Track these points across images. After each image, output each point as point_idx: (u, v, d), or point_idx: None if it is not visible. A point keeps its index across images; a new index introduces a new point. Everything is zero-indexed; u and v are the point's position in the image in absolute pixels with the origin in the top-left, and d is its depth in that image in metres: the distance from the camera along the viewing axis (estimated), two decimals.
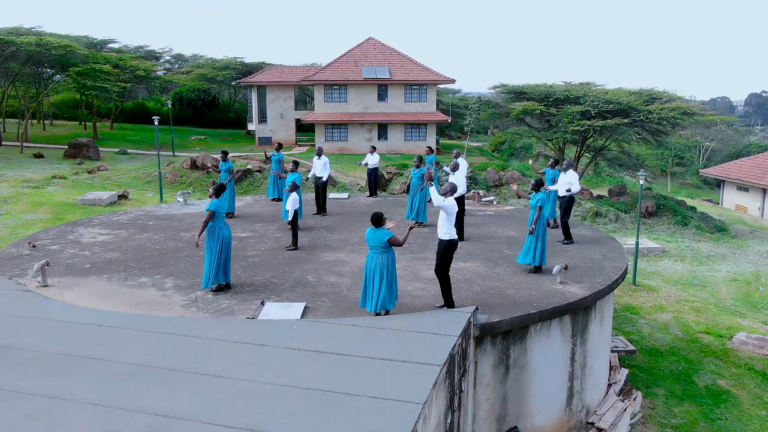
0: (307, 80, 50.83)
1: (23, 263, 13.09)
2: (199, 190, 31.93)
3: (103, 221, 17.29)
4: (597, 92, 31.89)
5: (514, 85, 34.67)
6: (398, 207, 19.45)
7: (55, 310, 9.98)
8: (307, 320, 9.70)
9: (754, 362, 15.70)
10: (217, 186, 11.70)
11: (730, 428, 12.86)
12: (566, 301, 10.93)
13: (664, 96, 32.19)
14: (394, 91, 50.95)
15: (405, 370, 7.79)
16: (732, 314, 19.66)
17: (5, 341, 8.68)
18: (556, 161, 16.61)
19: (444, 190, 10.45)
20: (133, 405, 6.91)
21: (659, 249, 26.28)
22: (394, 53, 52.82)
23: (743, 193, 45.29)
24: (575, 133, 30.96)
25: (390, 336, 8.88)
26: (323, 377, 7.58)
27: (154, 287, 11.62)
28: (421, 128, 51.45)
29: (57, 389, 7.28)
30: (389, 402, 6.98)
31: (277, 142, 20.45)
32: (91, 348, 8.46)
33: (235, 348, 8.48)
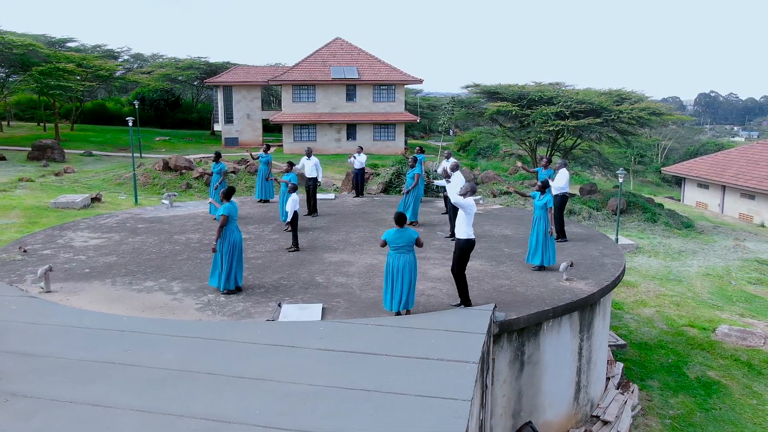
0: (276, 80, 50.49)
1: (18, 268, 12.75)
2: (172, 192, 31.40)
3: (91, 225, 16.92)
4: (569, 93, 32.53)
5: (486, 85, 35.07)
6: (386, 207, 19.53)
7: (69, 315, 9.76)
8: (332, 321, 9.70)
9: (739, 353, 16.27)
10: (227, 189, 11.59)
11: (725, 417, 13.32)
12: (576, 297, 11.18)
13: (632, 96, 33.01)
14: (363, 91, 51.02)
15: (443, 368, 7.87)
16: (710, 307, 20.30)
17: (26, 349, 8.47)
18: (549, 160, 16.91)
19: (464, 190, 10.56)
20: (179, 410, 6.83)
21: (633, 245, 26.94)
22: (362, 53, 52.87)
23: (703, 190, 46.71)
24: (549, 133, 31.51)
25: (418, 335, 8.96)
26: (364, 378, 7.62)
27: (162, 291, 11.45)
28: (389, 128, 51.64)
29: (95, 396, 7.14)
30: (436, 400, 7.05)
31: (265, 143, 20.32)
32: (118, 354, 8.31)
33: (267, 350, 8.44)
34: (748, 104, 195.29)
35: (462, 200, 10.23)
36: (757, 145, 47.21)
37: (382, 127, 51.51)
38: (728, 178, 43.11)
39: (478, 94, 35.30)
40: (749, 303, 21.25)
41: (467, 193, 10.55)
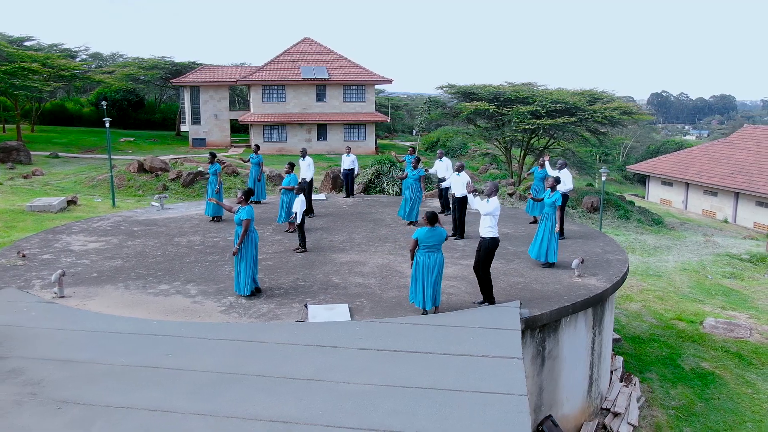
0: (245, 80, 50.02)
1: (22, 274, 12.44)
2: (149, 194, 30.91)
3: (84, 228, 16.57)
4: (543, 93, 33.12)
5: (461, 85, 35.44)
6: (381, 207, 19.62)
7: (97, 320, 9.59)
8: (366, 321, 9.74)
9: (729, 345, 16.85)
10: (246, 191, 11.50)
11: (724, 407, 13.80)
12: (591, 293, 11.46)
13: (604, 96, 33.80)
14: (333, 92, 50.95)
15: (489, 364, 8.01)
16: (692, 301, 20.95)
17: (63, 355, 8.31)
18: (544, 161, 17.27)
19: (489, 190, 10.72)
20: (242, 413, 6.82)
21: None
22: (331, 53, 52.78)
23: (667, 187, 48.06)
24: (525, 132, 32.01)
25: (455, 332, 9.08)
26: (417, 375, 7.70)
27: (179, 294, 11.31)
28: (360, 128, 51.69)
29: (152, 401, 7.07)
30: (493, 396, 7.19)
31: (255, 144, 20.15)
32: (160, 358, 8.22)
33: (310, 351, 8.45)
34: (698, 104, 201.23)
35: (490, 208, 10.40)
36: (717, 143, 48.78)
37: (353, 127, 51.52)
38: (692, 176, 44.46)
39: (454, 94, 35.62)
40: (727, 296, 21.99)
41: (492, 192, 10.72)
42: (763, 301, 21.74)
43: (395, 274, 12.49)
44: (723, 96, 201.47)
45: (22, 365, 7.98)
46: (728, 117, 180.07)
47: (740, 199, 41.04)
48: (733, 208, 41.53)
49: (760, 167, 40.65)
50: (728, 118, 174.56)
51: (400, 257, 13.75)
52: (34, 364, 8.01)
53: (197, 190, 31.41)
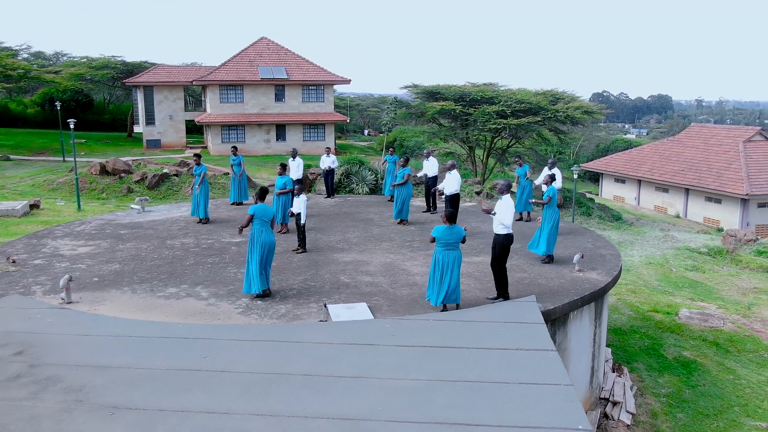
0: (202, 80, 49.25)
1: (18, 280, 12.07)
2: (113, 196, 30.17)
3: (68, 232, 16.13)
4: (508, 93, 33.77)
5: (426, 86, 35.79)
6: (365, 207, 19.73)
7: (120, 325, 9.42)
8: (394, 318, 9.86)
9: (705, 334, 17.62)
10: (260, 190, 11.47)
11: (711, 392, 14.46)
12: (596, 287, 11.86)
13: (565, 96, 34.69)
14: (292, 92, 50.66)
15: (526, 357, 8.25)
16: (663, 293, 21.78)
17: (98, 361, 8.15)
18: (520, 157, 17.78)
19: (501, 188, 10.97)
20: (300, 412, 6.85)
21: None
22: (289, 53, 52.46)
23: (620, 184, 49.62)
24: (491, 131, 32.58)
25: (483, 327, 9.30)
26: (460, 370, 7.87)
27: (191, 297, 11.18)
28: (319, 128, 51.56)
29: (204, 404, 7.03)
30: (541, 386, 7.42)
31: (233, 145, 19.96)
32: (197, 360, 8.16)
33: (348, 349, 8.52)
34: (637, 103, 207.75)
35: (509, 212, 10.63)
36: (666, 141, 50.61)
37: (312, 128, 51.33)
38: (644, 173, 46.03)
39: (419, 94, 35.95)
40: (694, 288, 22.93)
41: (504, 190, 10.98)
42: (727, 292, 22.76)
43: (402, 273, 12.63)
44: (660, 96, 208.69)
45: (58, 372, 7.81)
46: (665, 116, 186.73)
47: (690, 195, 42.72)
48: (683, 203, 43.21)
49: (709, 164, 42.40)
50: (665, 117, 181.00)
51: (401, 256, 13.90)
52: (69, 371, 7.84)
53: (163, 192, 30.81)
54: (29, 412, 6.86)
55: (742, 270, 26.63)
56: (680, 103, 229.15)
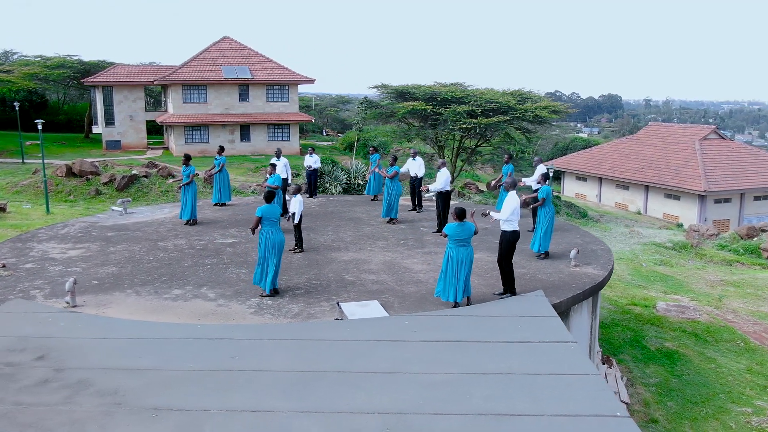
0: (164, 80, 48.42)
1: (14, 284, 11.79)
2: (81, 199, 29.49)
3: (52, 235, 15.77)
4: (477, 92, 34.22)
5: (396, 85, 35.98)
6: (350, 206, 19.80)
7: (137, 328, 9.32)
8: (412, 315, 9.99)
9: (684, 325, 18.27)
10: (267, 193, 11.47)
11: (696, 381, 15.02)
12: (594, 281, 12.23)
13: (533, 96, 35.35)
14: (256, 92, 50.23)
15: (550, 349, 8.50)
16: (637, 287, 22.47)
17: (125, 364, 8.07)
18: (510, 156, 18.11)
19: (507, 185, 11.22)
20: (346, 407, 6.93)
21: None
22: (253, 53, 52.01)
23: (581, 182, 50.77)
24: (461, 131, 32.98)
25: (500, 322, 9.51)
26: (487, 363, 8.06)
27: (198, 298, 11.11)
28: (284, 128, 51.26)
29: (247, 403, 7.05)
30: (571, 377, 7.67)
31: (220, 146, 19.78)
32: (227, 361, 8.15)
33: (375, 346, 8.62)
34: (588, 103, 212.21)
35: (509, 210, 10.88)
36: (625, 140, 51.98)
37: (277, 128, 50.99)
38: (605, 171, 47.20)
39: (388, 94, 36.13)
40: (665, 282, 23.71)
41: (510, 187, 11.23)
42: (696, 284, 23.61)
43: (404, 270, 12.78)
44: (610, 95, 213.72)
45: (87, 376, 7.70)
46: (616, 115, 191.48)
47: (650, 192, 44.01)
48: (644, 200, 44.48)
49: (667, 162, 43.75)
50: (616, 117, 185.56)
51: (399, 254, 14.04)
52: (98, 375, 7.74)
53: (133, 193, 30.24)
54: (69, 416, 6.77)
55: (707, 264, 27.64)
56: (629, 103, 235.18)
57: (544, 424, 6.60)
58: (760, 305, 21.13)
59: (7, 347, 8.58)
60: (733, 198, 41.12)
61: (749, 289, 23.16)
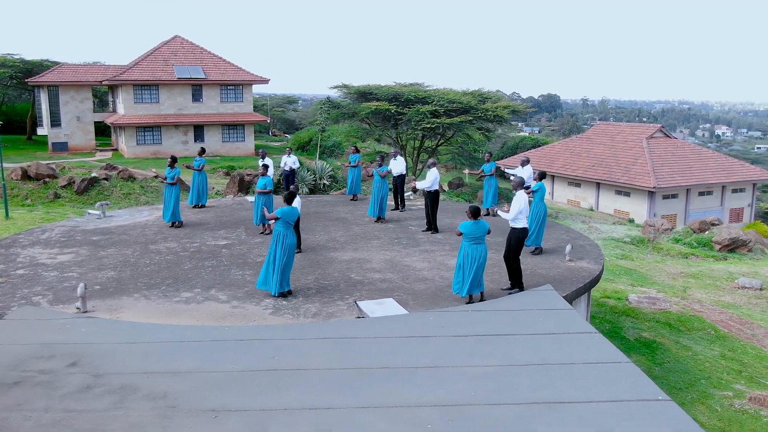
0: (114, 80, 47.21)
1: (13, 291, 11.46)
2: (39, 203, 28.54)
3: (34, 240, 15.32)
4: (439, 93, 34.72)
5: (358, 86, 36.15)
6: (331, 206, 19.89)
7: (164, 332, 9.24)
8: (434, 311, 10.20)
9: (657, 316, 19.09)
10: (288, 193, 11.48)
11: (677, 369, 15.76)
12: (592, 275, 12.74)
13: (493, 96, 36.12)
14: (210, 92, 49.57)
15: (576, 340, 8.86)
16: (605, 281, 23.25)
17: (164, 368, 8.01)
18: (490, 154, 18.58)
19: (514, 184, 11.56)
20: (403, 401, 7.09)
21: None
22: (205, 52, 51.27)
23: None
24: (425, 130, 33.41)
25: (521, 316, 9.84)
26: (522, 354, 8.36)
27: (211, 301, 11.05)
28: (239, 129, 50.75)
29: (303, 401, 7.13)
30: (604, 365, 8.04)
31: (201, 146, 19.54)
32: (268, 361, 8.20)
33: (409, 342, 8.81)
34: (529, 102, 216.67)
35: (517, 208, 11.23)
36: (575, 138, 53.52)
37: (231, 128, 50.42)
38: (557, 169, 48.48)
39: (351, 94, 36.25)
40: (630, 275, 24.65)
41: (518, 186, 11.58)
42: (659, 277, 24.65)
43: (407, 269, 12.98)
44: (550, 95, 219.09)
45: (129, 381, 7.63)
46: (555, 115, 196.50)
47: (601, 189, 45.48)
48: (595, 197, 45.93)
49: (617, 159, 45.31)
50: (555, 116, 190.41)
51: (396, 253, 14.24)
52: (140, 379, 7.68)
53: (93, 197, 29.45)
54: (126, 421, 6.72)
55: (664, 257, 28.85)
56: (567, 102, 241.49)
57: (594, 410, 6.93)
58: (720, 295, 22.25)
59: (34, 354, 8.39)
60: (680, 194, 42.92)
61: (708, 280, 24.33)
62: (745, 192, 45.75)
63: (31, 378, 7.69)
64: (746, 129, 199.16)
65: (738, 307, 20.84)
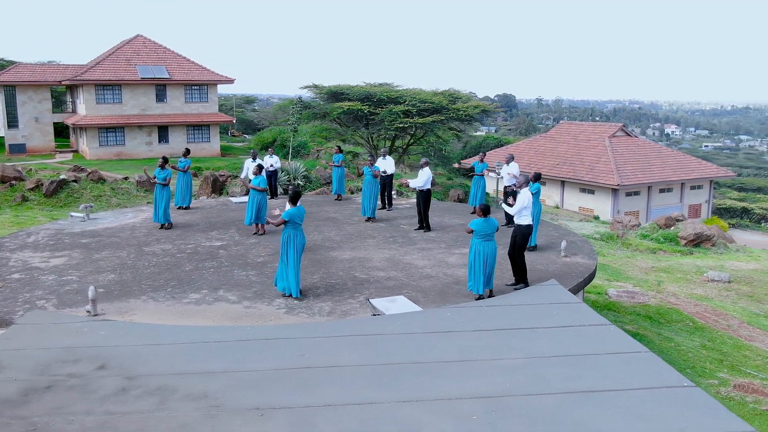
0: (75, 79, 46.10)
1: (15, 296, 11.22)
2: (7, 206, 27.75)
3: (21, 244, 14.98)
4: (411, 93, 34.99)
5: (330, 86, 36.16)
6: (316, 207, 19.92)
7: (186, 333, 9.21)
8: (449, 307, 10.38)
9: (637, 309, 19.70)
10: (293, 193, 11.51)
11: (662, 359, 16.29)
12: (589, 270, 13.12)
13: (462, 96, 36.57)
14: (174, 92, 48.83)
15: (593, 331, 9.18)
16: None
17: (194, 368, 8.00)
18: (484, 154, 18.97)
19: (519, 183, 11.84)
20: (445, 394, 7.26)
21: None
22: (168, 52, 50.48)
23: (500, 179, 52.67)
24: (398, 130, 33.65)
25: (535, 310, 10.11)
26: (543, 346, 8.62)
27: (221, 302, 11.03)
28: (203, 129, 50.13)
29: (344, 397, 7.24)
30: (626, 355, 8.36)
31: (185, 147, 19.32)
32: (298, 359, 8.27)
33: (432, 337, 8.98)
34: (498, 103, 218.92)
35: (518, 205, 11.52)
36: (539, 138, 54.50)
37: (196, 129, 49.76)
38: (523, 168, 49.13)
39: (322, 95, 36.23)
40: (605, 271, 25.30)
41: (523, 184, 11.87)
42: (632, 272, 25.39)
43: (410, 267, 13.15)
44: (505, 95, 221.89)
45: (165, 382, 7.61)
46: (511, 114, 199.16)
47: (566, 187, 46.45)
48: (560, 194, 46.88)
49: (581, 158, 46.34)
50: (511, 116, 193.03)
51: (395, 251, 14.40)
52: (176, 380, 7.67)
53: (63, 199, 28.80)
54: (173, 422, 6.72)
55: (634, 252, 29.70)
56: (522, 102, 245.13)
57: (626, 398, 7.21)
58: (692, 288, 23.06)
59: (58, 359, 8.28)
60: (642, 191, 44.15)
61: (678, 274, 25.17)
62: (702, 189, 47.33)
63: (62, 382, 7.61)
64: (694, 128, 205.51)
65: (710, 300, 21.65)
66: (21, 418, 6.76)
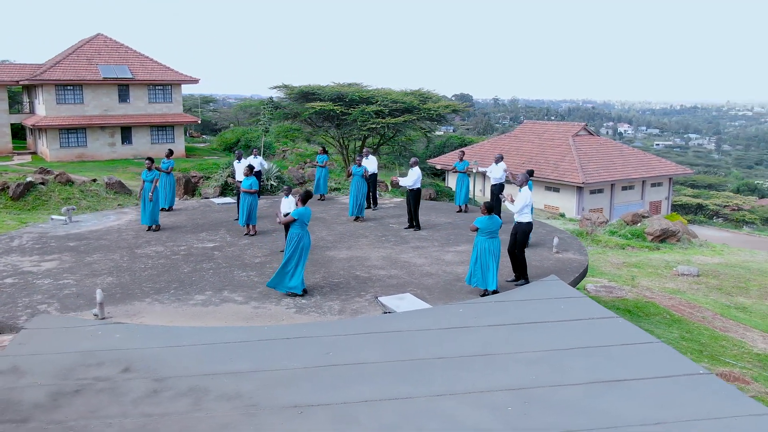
0: (35, 79, 44.88)
1: (12, 301, 11.00)
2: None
3: (5, 248, 14.63)
4: (382, 93, 35.14)
5: (301, 86, 36.03)
6: None
7: (203, 334, 9.18)
8: (460, 303, 10.57)
9: (617, 303, 20.24)
10: (304, 193, 11.54)
11: None
12: (583, 265, 13.50)
13: (432, 96, 36.88)
14: (137, 92, 47.97)
15: (604, 324, 9.49)
16: None
17: (221, 369, 8.01)
18: (463, 153, 19.22)
19: (520, 181, 12.11)
20: (476, 387, 7.45)
21: None
22: (131, 51, 49.56)
23: None
24: (370, 131, 33.78)
25: (542, 305, 10.38)
26: (559, 339, 8.88)
27: (228, 303, 11.01)
28: (168, 130, 49.40)
29: (379, 392, 7.35)
30: (640, 345, 8.69)
31: (168, 148, 19.07)
32: (324, 357, 8.35)
33: (449, 333, 9.15)
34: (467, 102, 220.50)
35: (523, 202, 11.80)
36: (504, 137, 55.31)
37: (160, 129, 48.99)
38: None
39: (293, 95, 36.09)
40: None
41: (523, 182, 12.14)
42: (605, 267, 26.03)
43: (409, 265, 13.31)
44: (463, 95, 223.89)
45: (195, 383, 7.60)
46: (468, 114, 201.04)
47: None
48: None
49: (546, 157, 47.20)
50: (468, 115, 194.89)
51: (391, 250, 14.54)
52: (205, 381, 7.67)
53: (31, 202, 28.07)
54: (213, 422, 6.74)
55: (604, 248, 30.46)
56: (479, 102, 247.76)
57: (650, 386, 7.51)
58: (664, 282, 23.79)
59: (79, 363, 8.19)
60: (605, 189, 45.22)
61: (649, 269, 25.93)
62: (662, 186, 48.72)
63: (90, 386, 7.53)
64: (645, 127, 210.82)
65: (683, 293, 22.38)
66: (56, 423, 6.69)
